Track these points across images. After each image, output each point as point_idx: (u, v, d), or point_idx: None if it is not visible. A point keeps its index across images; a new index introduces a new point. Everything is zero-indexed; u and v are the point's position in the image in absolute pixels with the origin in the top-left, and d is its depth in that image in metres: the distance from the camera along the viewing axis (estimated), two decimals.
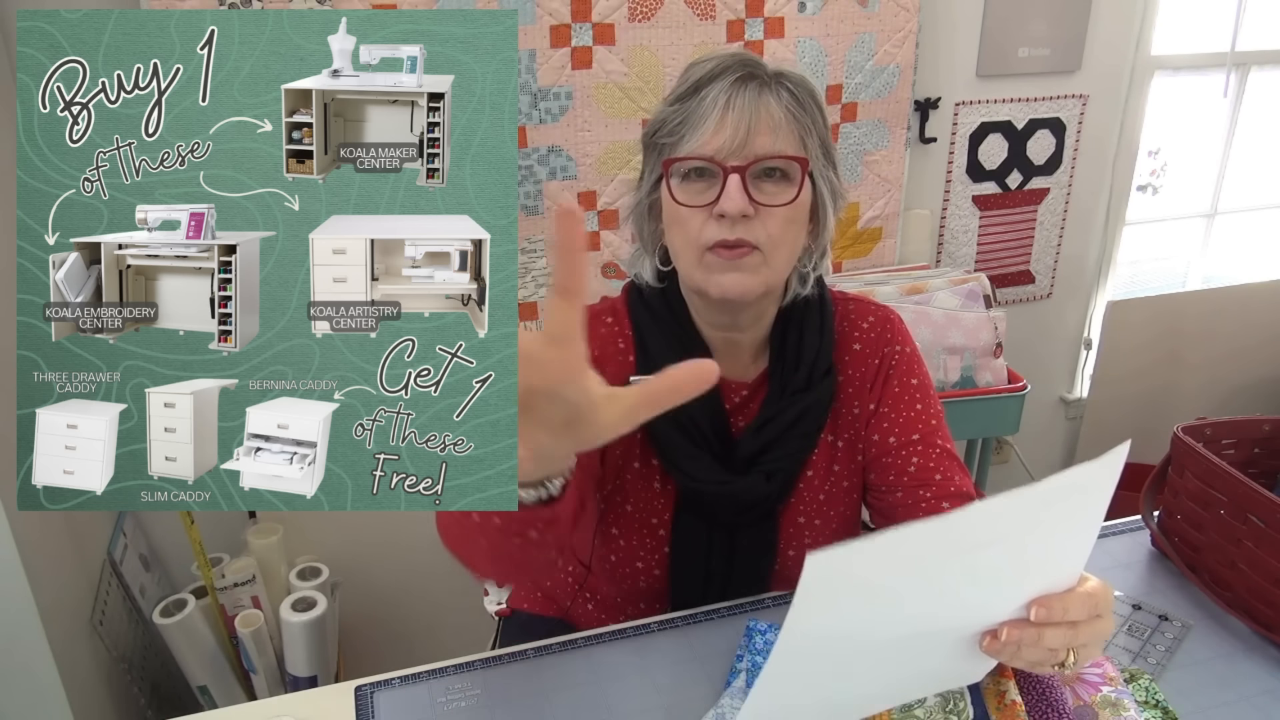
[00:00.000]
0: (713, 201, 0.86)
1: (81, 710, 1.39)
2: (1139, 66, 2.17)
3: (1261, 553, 0.93)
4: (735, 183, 0.85)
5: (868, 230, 2.04)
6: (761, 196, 0.87)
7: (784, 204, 0.87)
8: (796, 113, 0.88)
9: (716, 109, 0.85)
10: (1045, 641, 0.68)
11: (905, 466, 0.97)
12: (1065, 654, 0.70)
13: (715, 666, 0.92)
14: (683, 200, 0.88)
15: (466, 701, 0.89)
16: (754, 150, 0.86)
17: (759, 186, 0.87)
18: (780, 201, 0.87)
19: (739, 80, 0.86)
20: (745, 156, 0.86)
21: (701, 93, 0.87)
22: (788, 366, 0.97)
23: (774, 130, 0.86)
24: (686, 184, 0.88)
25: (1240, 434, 1.09)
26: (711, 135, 0.86)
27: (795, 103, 0.88)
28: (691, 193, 0.88)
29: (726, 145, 0.85)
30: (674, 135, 0.88)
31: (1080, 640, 0.70)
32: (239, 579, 1.63)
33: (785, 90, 0.88)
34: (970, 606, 0.68)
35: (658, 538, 1.01)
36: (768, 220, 0.87)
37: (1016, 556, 0.66)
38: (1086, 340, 2.44)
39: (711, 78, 0.87)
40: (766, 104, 0.86)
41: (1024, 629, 0.68)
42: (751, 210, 0.86)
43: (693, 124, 0.87)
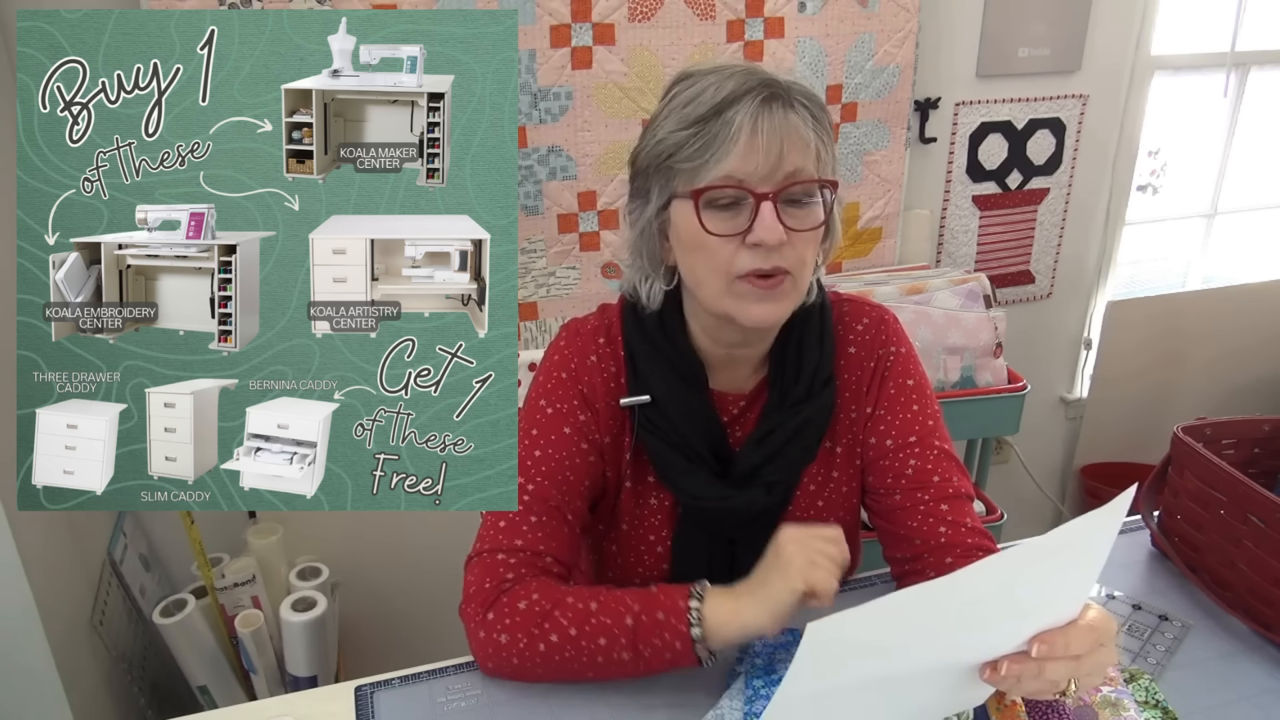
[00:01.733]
0: (744, 230, 0.84)
1: (81, 710, 1.39)
2: (1139, 66, 2.17)
3: (1261, 553, 0.93)
4: (770, 211, 0.83)
5: (868, 230, 2.04)
6: (792, 221, 0.85)
7: (814, 228, 0.86)
8: (818, 131, 0.86)
9: (744, 132, 0.82)
10: (1046, 674, 0.68)
11: (903, 469, 0.97)
12: (1067, 684, 0.71)
13: (715, 666, 0.92)
14: (714, 230, 0.85)
15: (466, 701, 0.89)
16: (784, 174, 0.83)
17: (787, 211, 0.85)
18: (810, 226, 0.85)
19: (764, 101, 0.83)
20: (776, 182, 0.83)
21: (725, 115, 0.83)
22: (788, 377, 0.96)
23: (803, 152, 0.84)
24: (713, 211, 0.85)
25: (1240, 434, 1.09)
26: (740, 160, 0.82)
27: (815, 120, 0.86)
28: (721, 220, 0.85)
29: (756, 170, 0.83)
30: (695, 160, 0.84)
31: (1083, 671, 0.70)
32: (239, 579, 1.63)
33: (804, 107, 0.85)
34: (970, 648, 0.69)
35: (656, 555, 1.01)
36: (798, 244, 0.85)
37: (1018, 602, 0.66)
38: (1086, 340, 2.44)
39: (734, 99, 0.83)
40: (794, 125, 0.83)
41: (1024, 663, 0.68)
42: (787, 238, 0.84)
43: (717, 148, 0.83)
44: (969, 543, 0.93)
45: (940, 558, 0.93)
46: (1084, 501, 2.54)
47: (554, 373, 0.97)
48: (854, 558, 1.08)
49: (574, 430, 0.95)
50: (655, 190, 0.89)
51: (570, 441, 0.94)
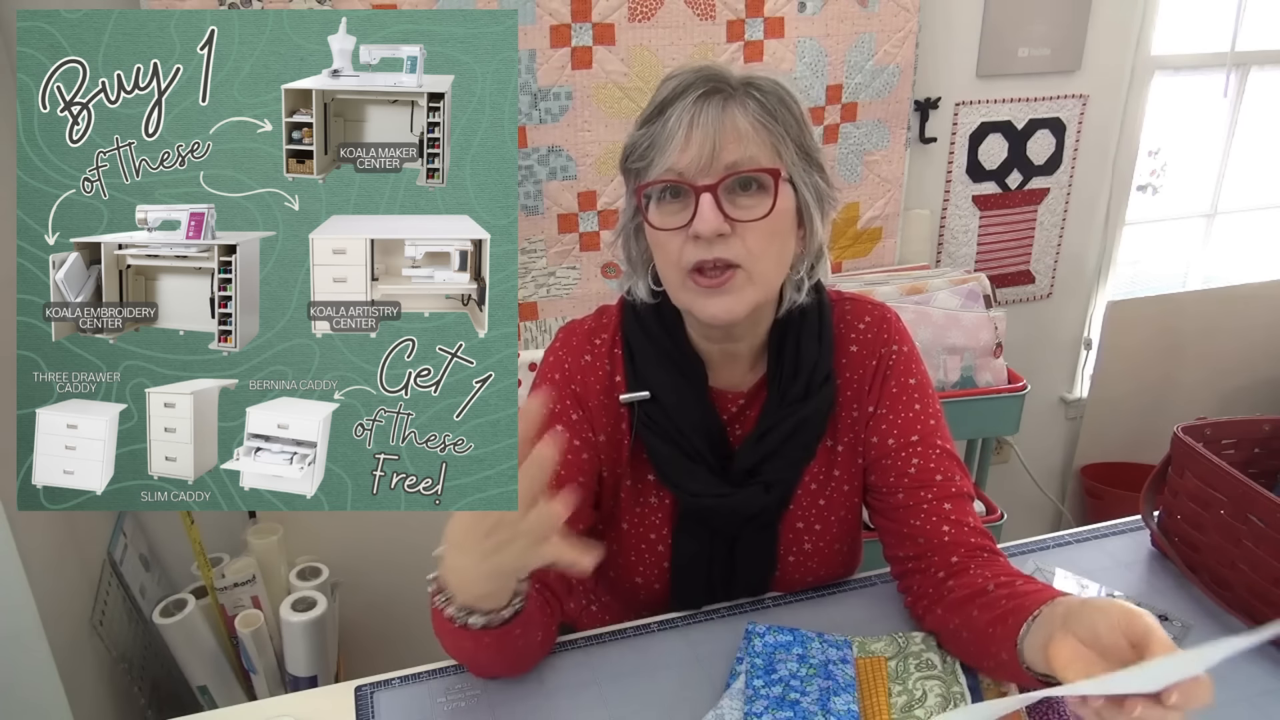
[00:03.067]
0: (688, 223, 0.85)
1: (81, 710, 1.39)
2: (1139, 66, 2.17)
3: (1261, 553, 0.93)
4: (708, 202, 0.84)
5: (868, 230, 2.04)
6: (737, 212, 0.85)
7: (760, 218, 0.86)
8: (766, 121, 0.86)
9: (681, 127, 0.84)
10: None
11: (905, 468, 0.97)
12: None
13: (715, 667, 0.92)
14: (658, 224, 0.87)
15: (466, 701, 0.89)
16: (722, 165, 0.84)
17: (734, 201, 0.85)
18: (756, 215, 0.85)
19: (702, 96, 0.85)
20: (714, 173, 0.84)
21: (666, 113, 0.86)
22: (785, 375, 0.96)
23: (741, 142, 0.84)
24: (661, 206, 0.87)
25: (1240, 434, 1.09)
26: (678, 155, 0.84)
27: (764, 111, 0.86)
28: (667, 214, 0.87)
29: (694, 164, 0.84)
30: (644, 159, 0.87)
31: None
32: (239, 579, 1.63)
33: (753, 100, 0.86)
34: None
35: (656, 553, 1.01)
36: (746, 235, 0.86)
37: None
38: (1086, 340, 2.44)
39: (675, 97, 0.86)
40: (732, 116, 0.84)
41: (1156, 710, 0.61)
42: (727, 228, 0.84)
43: (660, 145, 0.85)
44: (972, 543, 0.93)
45: (945, 557, 0.93)
46: (1084, 501, 2.54)
47: (549, 374, 1.00)
48: (855, 557, 1.08)
49: (567, 428, 0.96)
50: (627, 191, 0.93)
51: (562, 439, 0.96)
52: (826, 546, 1.02)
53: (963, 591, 0.89)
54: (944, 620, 0.91)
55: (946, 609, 0.90)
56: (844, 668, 0.89)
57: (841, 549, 1.04)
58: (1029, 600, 0.79)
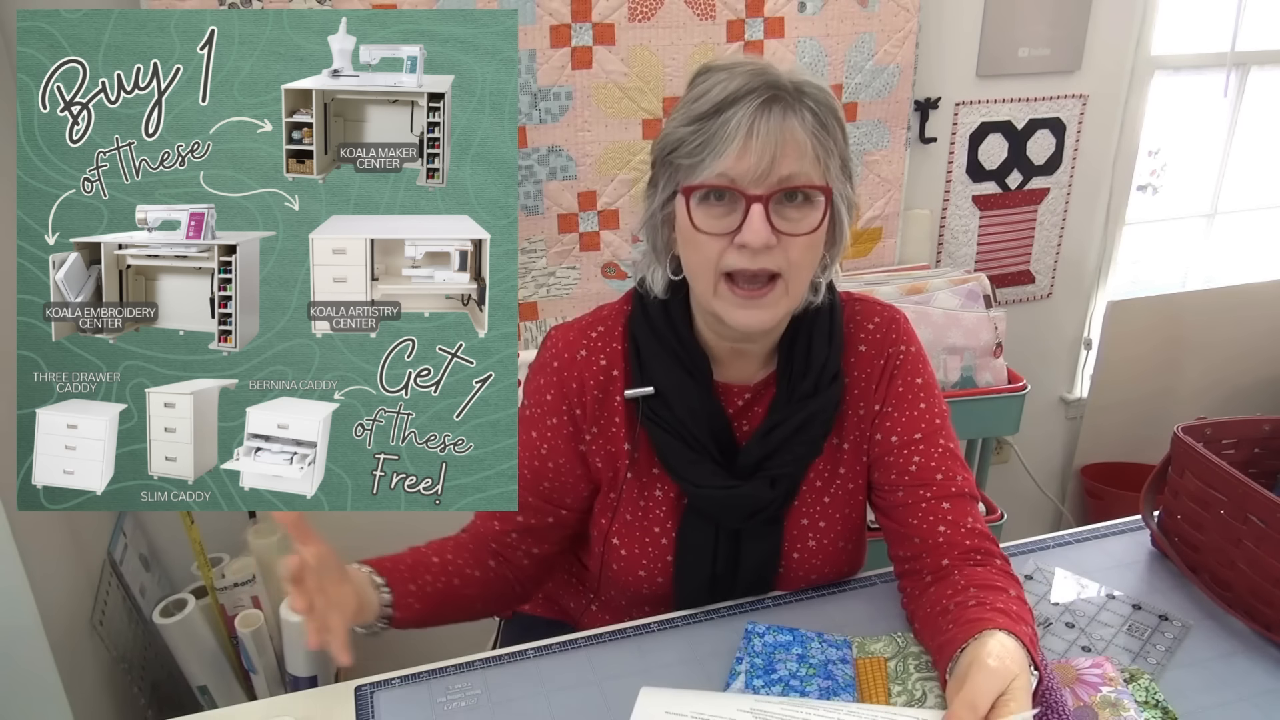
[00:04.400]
0: (734, 230, 0.84)
1: (81, 710, 1.39)
2: (1139, 66, 2.17)
3: (1261, 553, 0.93)
4: (759, 214, 0.83)
5: (868, 230, 2.04)
6: (784, 225, 0.85)
7: (806, 233, 0.86)
8: (820, 135, 0.85)
9: (740, 134, 0.83)
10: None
11: (907, 465, 0.97)
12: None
13: (715, 666, 0.92)
14: (702, 226, 0.86)
15: (466, 701, 0.89)
16: (777, 178, 0.83)
17: (782, 213, 0.85)
18: (803, 230, 0.85)
19: (764, 104, 0.83)
20: (768, 185, 0.83)
21: (724, 115, 0.84)
22: (796, 373, 0.96)
23: (799, 156, 0.84)
24: (705, 207, 0.86)
25: (1240, 434, 1.09)
26: (734, 161, 0.83)
27: (819, 124, 0.85)
28: (710, 217, 0.86)
29: (749, 172, 0.83)
30: (693, 157, 0.85)
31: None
32: (239, 579, 1.63)
33: (808, 110, 0.85)
34: None
35: (660, 546, 1.01)
36: (790, 248, 0.85)
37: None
38: (1086, 340, 2.44)
39: (734, 99, 0.84)
40: (791, 129, 0.83)
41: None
42: (775, 241, 0.84)
43: (714, 148, 0.84)
44: (967, 544, 0.93)
45: (937, 559, 0.93)
46: (1084, 501, 2.54)
47: (535, 377, 1.01)
48: (859, 556, 1.08)
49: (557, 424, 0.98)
50: (663, 181, 0.91)
51: (546, 439, 0.99)
52: (830, 544, 1.02)
53: (932, 607, 0.90)
54: (919, 633, 0.93)
55: (920, 622, 0.93)
56: (844, 668, 0.89)
57: (846, 547, 1.04)
58: (962, 631, 0.82)
